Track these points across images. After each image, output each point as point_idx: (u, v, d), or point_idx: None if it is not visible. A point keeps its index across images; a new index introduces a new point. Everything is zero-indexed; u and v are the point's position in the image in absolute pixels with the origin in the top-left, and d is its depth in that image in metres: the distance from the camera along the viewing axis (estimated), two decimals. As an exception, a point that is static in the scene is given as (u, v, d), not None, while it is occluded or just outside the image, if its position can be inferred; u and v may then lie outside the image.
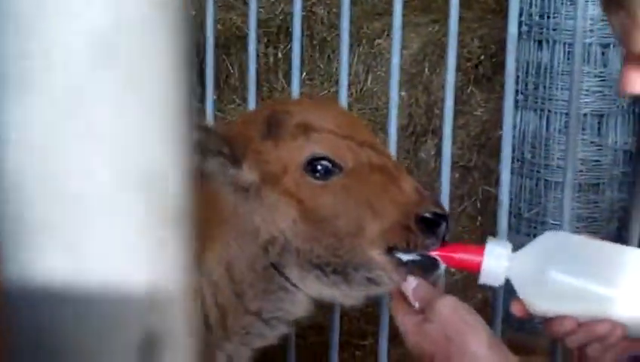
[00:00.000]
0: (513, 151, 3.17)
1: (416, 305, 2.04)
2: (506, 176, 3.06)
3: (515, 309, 1.98)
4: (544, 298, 1.94)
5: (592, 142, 4.44)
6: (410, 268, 2.18)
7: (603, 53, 4.56)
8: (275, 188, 2.26)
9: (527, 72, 4.61)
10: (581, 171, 4.33)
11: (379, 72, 7.43)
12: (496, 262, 2.01)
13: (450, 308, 1.93)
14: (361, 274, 2.24)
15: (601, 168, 4.65)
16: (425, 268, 2.19)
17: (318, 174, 2.25)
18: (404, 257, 2.19)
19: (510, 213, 4.20)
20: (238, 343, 2.41)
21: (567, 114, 4.51)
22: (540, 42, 4.68)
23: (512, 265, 1.99)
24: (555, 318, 1.91)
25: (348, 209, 2.23)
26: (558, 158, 4.64)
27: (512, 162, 3.25)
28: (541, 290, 1.94)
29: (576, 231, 3.23)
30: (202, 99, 3.93)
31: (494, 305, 2.90)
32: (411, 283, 2.09)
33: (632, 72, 1.75)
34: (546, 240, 2.02)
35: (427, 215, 2.20)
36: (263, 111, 2.43)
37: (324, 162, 2.25)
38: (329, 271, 2.26)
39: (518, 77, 3.97)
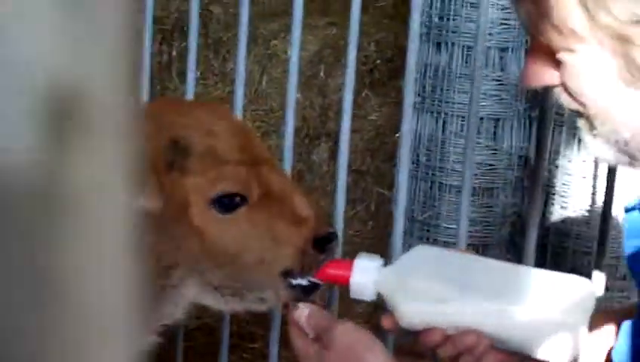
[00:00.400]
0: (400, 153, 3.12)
1: (311, 334, 2.03)
2: (403, 177, 3.01)
3: (386, 323, 1.98)
4: (410, 309, 1.94)
5: (487, 146, 4.43)
6: (296, 291, 2.19)
7: (501, 58, 4.56)
8: (180, 220, 2.21)
9: (424, 75, 4.58)
10: (476, 175, 4.31)
11: (274, 74, 7.39)
12: (364, 276, 2.03)
13: (347, 334, 1.95)
14: (254, 295, 2.25)
15: (496, 172, 4.64)
16: (305, 289, 2.21)
17: (224, 208, 2.21)
18: (294, 281, 2.20)
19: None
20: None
21: (463, 117, 4.60)
22: (438, 44, 4.65)
23: (381, 279, 2.00)
24: (424, 331, 1.91)
25: (251, 241, 2.22)
26: (453, 161, 4.62)
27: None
28: (406, 301, 1.94)
29: (470, 234, 3.19)
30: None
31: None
32: (303, 311, 2.08)
33: (534, 65, 1.75)
34: (416, 254, 2.05)
35: (322, 235, 2.22)
36: (163, 133, 2.28)
37: (234, 197, 2.21)
38: (226, 293, 2.26)
39: (415, 79, 3.92)
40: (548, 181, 4.36)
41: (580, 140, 4.05)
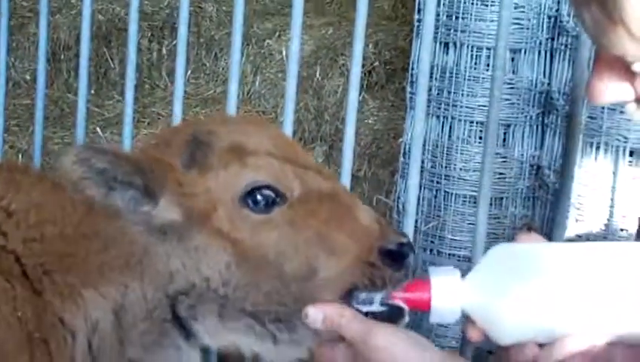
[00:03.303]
0: (410, 160, 2.91)
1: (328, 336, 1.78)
2: (414, 182, 2.82)
3: (474, 335, 1.74)
4: (512, 326, 1.68)
5: (497, 154, 4.17)
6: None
7: (513, 59, 4.34)
8: (203, 229, 1.93)
9: (430, 76, 4.31)
10: (483, 184, 4.06)
11: (268, 74, 7.19)
12: (446, 297, 1.74)
13: (388, 349, 1.70)
14: (308, 327, 1.83)
15: (506, 181, 4.40)
16: (389, 318, 1.82)
17: (258, 206, 1.93)
18: (364, 308, 1.83)
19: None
20: None
21: (472, 122, 4.36)
22: (446, 44, 4.41)
23: (468, 298, 1.73)
24: (516, 346, 1.69)
25: (296, 247, 1.91)
26: (460, 169, 4.41)
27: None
28: (502, 321, 1.68)
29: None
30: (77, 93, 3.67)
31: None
32: (317, 316, 1.77)
33: (603, 79, 1.54)
34: (498, 257, 1.75)
35: (392, 247, 1.93)
36: (183, 132, 2.07)
37: (266, 191, 1.93)
38: (268, 320, 1.95)
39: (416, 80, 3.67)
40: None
41: (597, 149, 3.82)
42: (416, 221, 4.43)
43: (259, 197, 1.92)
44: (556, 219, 2.62)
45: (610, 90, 1.53)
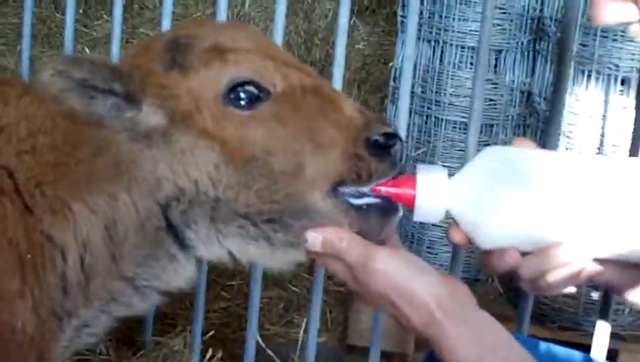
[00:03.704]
0: (400, 83, 2.88)
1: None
2: (404, 105, 2.81)
3: (457, 237, 1.76)
4: (496, 228, 1.69)
5: (487, 80, 4.13)
6: (365, 213, 1.86)
7: (504, -16, 4.27)
8: (188, 130, 1.91)
9: (421, 0, 4.25)
10: (474, 110, 4.02)
11: (259, -4, 7.11)
12: (432, 196, 1.75)
13: (387, 274, 1.74)
14: (301, 224, 1.89)
15: (496, 108, 4.37)
16: (383, 211, 1.86)
17: (242, 103, 1.91)
18: (358, 201, 1.86)
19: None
20: (99, 309, 2.06)
21: (463, 47, 4.32)
22: (436, -36, 4.33)
23: (454, 197, 1.73)
24: (497, 252, 1.71)
25: (283, 142, 1.89)
26: (450, 95, 4.36)
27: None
28: (491, 220, 1.68)
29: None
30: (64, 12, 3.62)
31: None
32: (316, 239, 1.84)
33: (603, 1, 1.54)
34: (487, 159, 1.74)
35: (378, 138, 1.89)
36: (162, 37, 2.06)
37: (249, 87, 1.91)
38: (261, 221, 1.92)
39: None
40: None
41: (589, 77, 3.79)
42: (406, 147, 4.42)
43: (242, 93, 1.91)
44: (546, 146, 2.60)
45: (614, 10, 1.52)
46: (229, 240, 1.96)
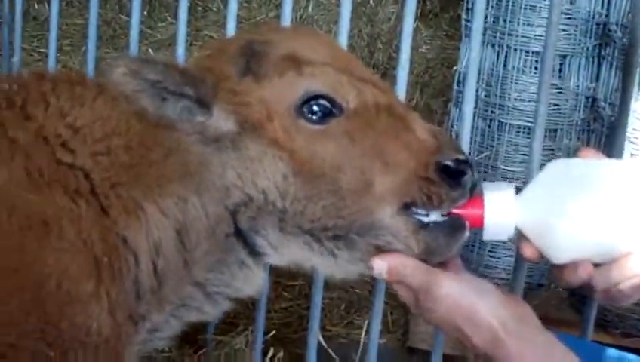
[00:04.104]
0: (464, 87, 2.88)
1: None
2: (469, 108, 2.80)
3: (528, 252, 1.76)
4: (568, 242, 1.68)
5: (552, 85, 4.10)
6: (432, 232, 1.87)
7: (571, -15, 4.24)
8: (259, 138, 1.91)
9: (486, 4, 4.23)
10: (538, 115, 4.00)
11: (321, -2, 7.14)
12: (500, 213, 1.76)
13: (449, 298, 1.76)
14: (367, 241, 1.90)
15: (560, 113, 4.34)
16: (451, 230, 1.88)
17: (314, 116, 1.90)
18: (426, 219, 1.87)
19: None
20: (169, 314, 2.08)
21: (527, 52, 4.30)
22: (502, -28, 4.32)
23: (522, 214, 1.74)
24: (570, 265, 1.70)
25: (352, 159, 1.89)
26: (514, 99, 4.34)
27: (463, 100, 2.94)
28: (558, 239, 1.68)
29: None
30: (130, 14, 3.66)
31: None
32: (382, 267, 1.85)
33: None
34: (551, 176, 1.75)
35: (449, 163, 1.89)
36: (237, 40, 2.05)
37: (322, 102, 1.90)
38: (326, 237, 1.93)
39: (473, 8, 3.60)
40: (615, 125, 4.09)
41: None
42: (469, 151, 4.42)
43: (315, 107, 1.90)
44: (611, 152, 2.59)
45: None
46: (295, 252, 1.97)
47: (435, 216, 1.86)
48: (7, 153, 1.93)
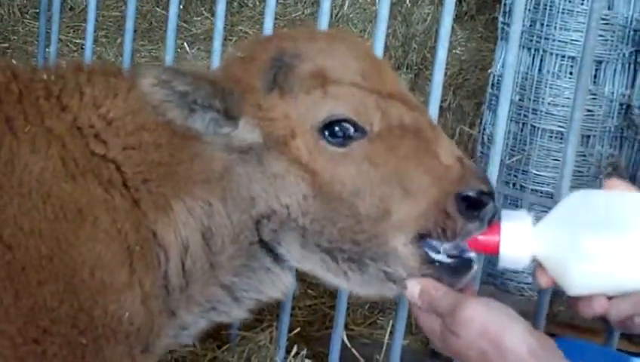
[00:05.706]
0: (499, 90, 2.86)
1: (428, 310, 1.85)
2: (504, 111, 2.78)
3: (544, 281, 1.77)
4: (584, 275, 1.69)
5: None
6: (438, 269, 1.87)
7: (609, -4, 4.21)
8: (282, 156, 1.92)
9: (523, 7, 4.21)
10: (571, 120, 3.98)
11: (357, -2, 7.12)
12: (516, 243, 1.76)
13: (477, 316, 1.74)
14: (377, 267, 1.91)
15: (594, 119, 4.31)
16: (456, 270, 1.88)
17: (336, 139, 1.90)
18: (436, 257, 1.87)
19: (488, 158, 3.89)
20: (199, 316, 2.10)
21: (563, 56, 4.27)
22: (541, -24, 4.29)
23: (539, 244, 1.74)
24: (585, 299, 1.71)
25: (372, 185, 1.88)
26: (548, 103, 4.31)
27: (497, 102, 2.93)
28: (578, 266, 1.69)
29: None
30: (166, 7, 3.67)
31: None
32: (414, 288, 1.86)
33: None
34: (570, 206, 1.74)
35: (472, 194, 1.87)
36: (267, 50, 2.03)
37: (345, 125, 1.90)
38: (341, 259, 1.94)
39: (510, 10, 3.59)
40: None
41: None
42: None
43: (337, 129, 1.90)
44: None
45: None
46: (313, 267, 1.99)
47: (441, 256, 1.86)
48: (44, 142, 1.94)
